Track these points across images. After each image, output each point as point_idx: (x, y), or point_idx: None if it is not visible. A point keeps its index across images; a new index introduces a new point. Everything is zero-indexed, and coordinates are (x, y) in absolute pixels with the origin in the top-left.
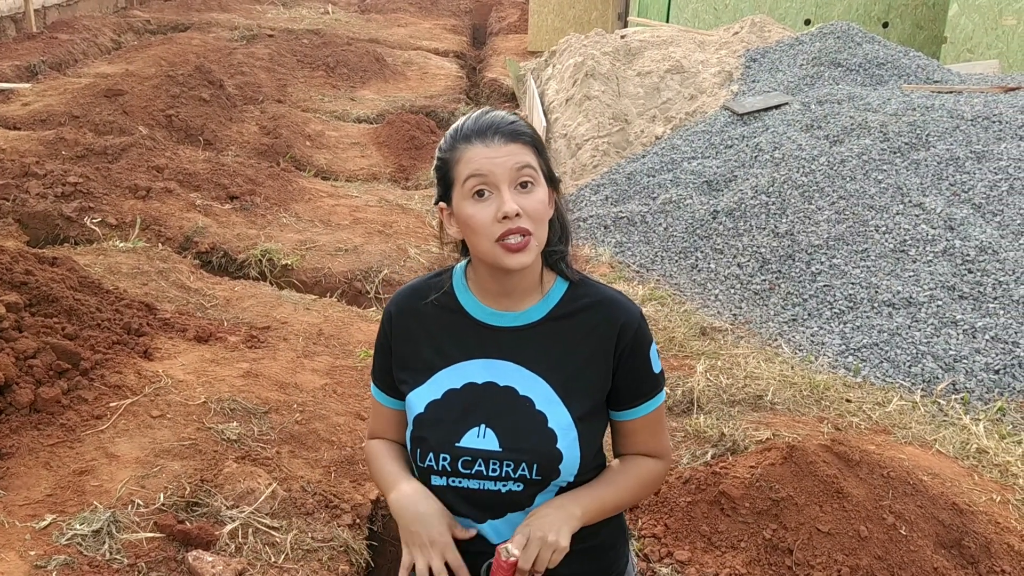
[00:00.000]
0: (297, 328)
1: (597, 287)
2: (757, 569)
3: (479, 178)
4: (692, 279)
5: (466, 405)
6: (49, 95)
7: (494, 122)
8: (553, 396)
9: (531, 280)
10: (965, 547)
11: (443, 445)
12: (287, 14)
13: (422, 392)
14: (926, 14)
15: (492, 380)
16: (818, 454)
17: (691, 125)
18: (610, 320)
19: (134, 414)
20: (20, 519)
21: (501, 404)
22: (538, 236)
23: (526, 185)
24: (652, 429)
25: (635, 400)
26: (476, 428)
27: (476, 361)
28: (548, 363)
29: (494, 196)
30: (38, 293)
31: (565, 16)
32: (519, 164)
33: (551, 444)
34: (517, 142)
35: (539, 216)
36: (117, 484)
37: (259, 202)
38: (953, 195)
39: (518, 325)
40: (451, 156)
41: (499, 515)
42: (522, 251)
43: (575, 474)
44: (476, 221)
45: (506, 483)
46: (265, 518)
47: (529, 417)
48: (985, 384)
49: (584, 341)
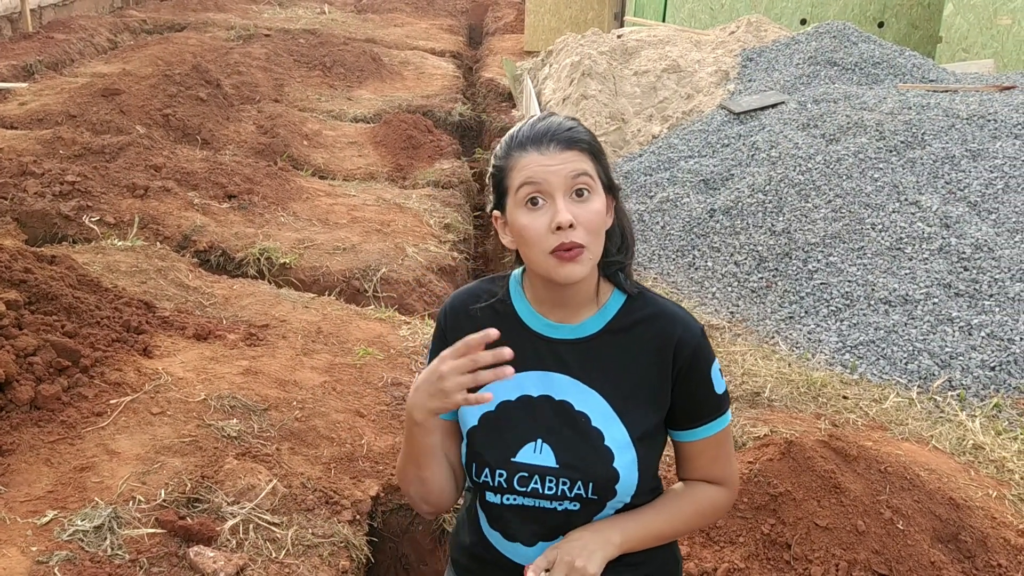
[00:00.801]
0: (296, 326)
1: (656, 300)
2: (755, 564)
3: (532, 186)
4: (689, 277)
5: (521, 419)
6: (46, 94)
7: (550, 128)
8: (610, 412)
9: (587, 292)
10: (962, 541)
11: (499, 461)
12: (283, 14)
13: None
14: (921, 14)
15: (547, 393)
16: (816, 449)
17: (688, 124)
18: (668, 335)
19: (134, 411)
20: (21, 515)
21: (557, 419)
22: (592, 248)
23: (582, 193)
24: (714, 453)
25: (695, 421)
26: (532, 443)
27: (531, 373)
28: (605, 378)
29: (548, 205)
30: (37, 291)
31: (561, 16)
32: (574, 171)
33: (608, 462)
34: (574, 149)
35: (594, 227)
36: (118, 480)
37: (257, 201)
38: (949, 193)
39: (575, 338)
40: (506, 164)
41: (552, 536)
42: (574, 262)
43: (632, 495)
44: (530, 232)
45: (562, 502)
46: (266, 514)
47: (585, 433)
48: (981, 381)
49: (642, 356)
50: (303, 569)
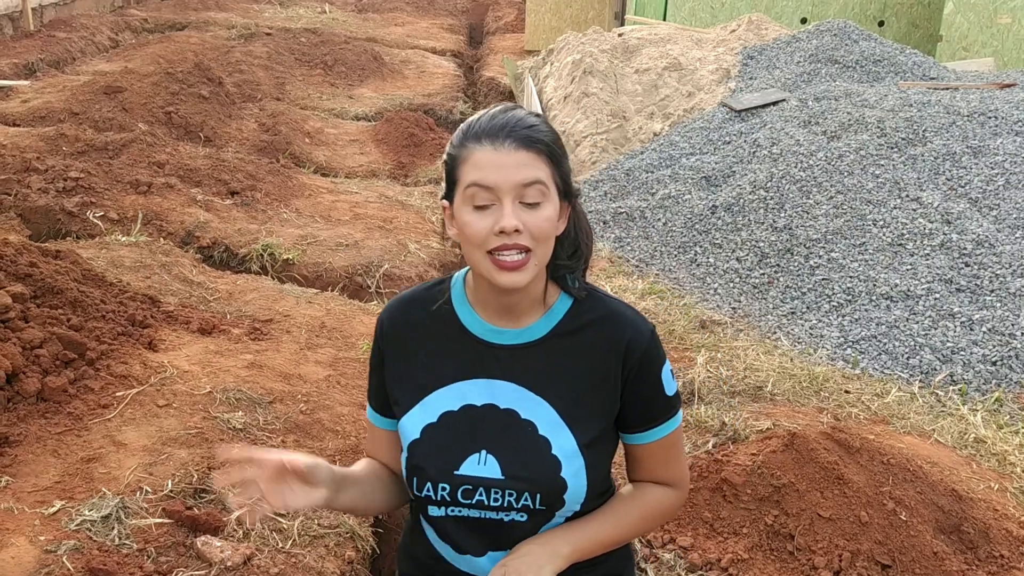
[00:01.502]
0: (299, 321)
1: (605, 301)
2: (759, 554)
3: (481, 188)
4: (691, 273)
5: (464, 429)
6: (48, 92)
7: (508, 123)
8: (557, 420)
9: (532, 296)
10: (964, 532)
11: (442, 474)
12: (284, 13)
13: (415, 415)
14: (921, 12)
15: (492, 402)
16: (819, 441)
17: (689, 122)
18: (617, 337)
19: (140, 403)
20: (29, 505)
21: (502, 428)
22: (539, 255)
23: (532, 199)
24: (665, 456)
25: (645, 424)
26: (476, 455)
27: (475, 381)
28: (552, 384)
29: (495, 207)
30: (43, 285)
31: (562, 15)
32: (527, 179)
33: (555, 472)
34: (530, 150)
35: (543, 235)
36: (125, 471)
37: (260, 198)
38: (950, 190)
39: (520, 343)
40: (459, 153)
41: (503, 547)
42: (517, 270)
43: (581, 503)
44: (471, 230)
45: (508, 513)
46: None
47: (532, 443)
48: (982, 375)
49: (590, 360)
50: (310, 559)
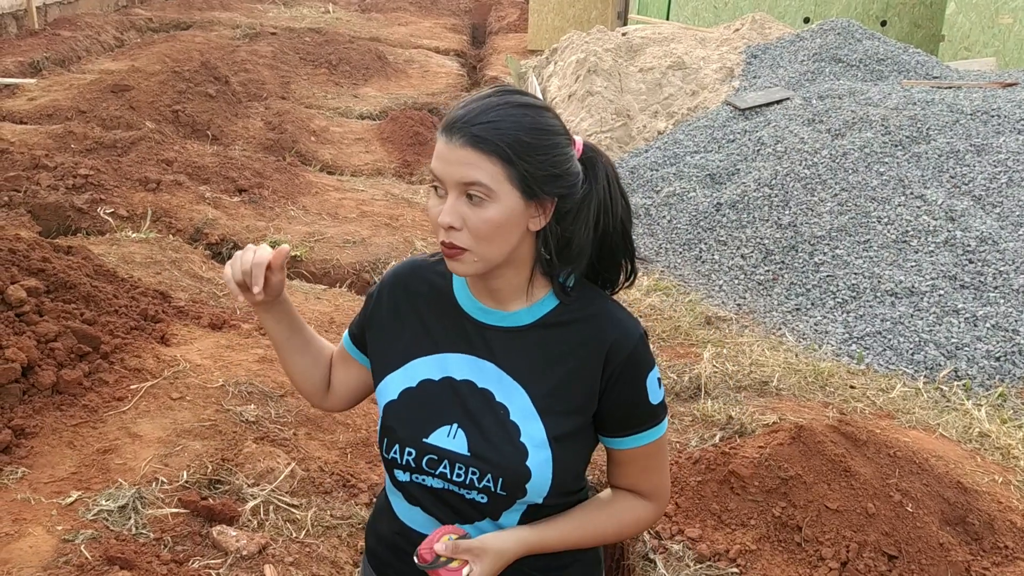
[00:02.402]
0: (309, 316)
1: (600, 302)
2: (767, 545)
3: (435, 178)
4: (696, 270)
5: (440, 400)
6: (55, 90)
7: (467, 116)
8: (530, 409)
9: (511, 286)
10: (969, 524)
11: (410, 439)
12: (288, 13)
13: (396, 377)
14: (924, 13)
15: (471, 379)
16: (826, 434)
17: (693, 120)
18: (602, 337)
19: (154, 396)
20: (46, 496)
21: (476, 407)
22: (479, 252)
23: (473, 198)
24: (644, 464)
25: (625, 430)
26: (448, 427)
27: (459, 355)
28: (531, 373)
29: (444, 197)
30: (56, 280)
31: (565, 15)
32: (467, 179)
33: (520, 460)
34: (476, 149)
35: (480, 234)
36: (141, 462)
37: (267, 195)
38: (954, 187)
39: (506, 326)
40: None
41: (468, 520)
42: (454, 260)
43: (544, 496)
44: (430, 216)
45: (470, 491)
46: (285, 496)
47: (501, 427)
48: (986, 371)
49: (573, 355)
50: (323, 549)
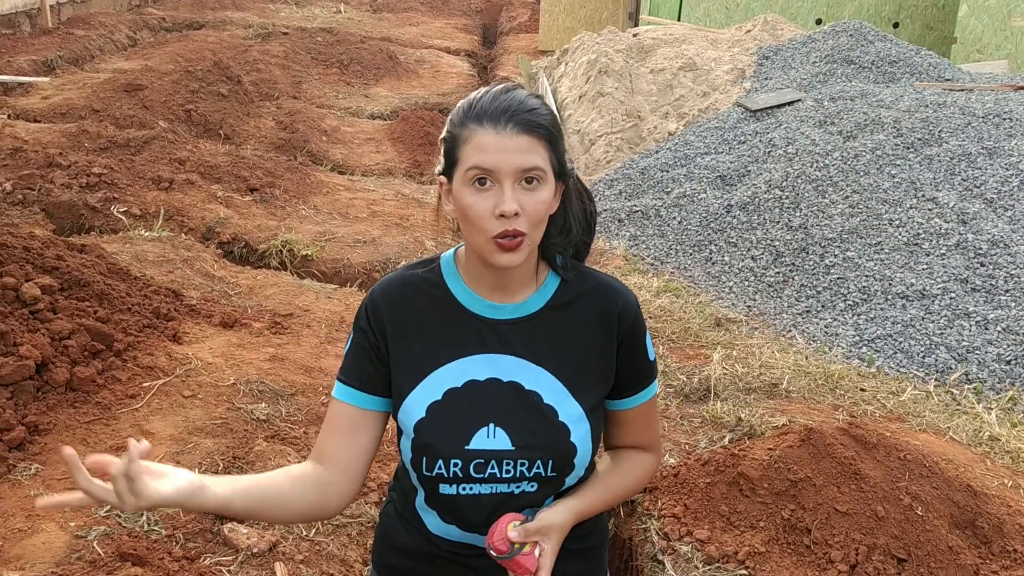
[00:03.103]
0: (319, 315)
1: (593, 274)
2: (775, 548)
3: (482, 171)
4: (706, 272)
5: (470, 405)
6: (68, 89)
7: (511, 106)
8: (561, 388)
9: (526, 273)
10: (979, 527)
11: (453, 450)
12: (300, 13)
13: (418, 395)
14: (936, 15)
15: (495, 376)
16: (835, 437)
17: (704, 121)
18: (609, 306)
19: (166, 394)
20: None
21: (508, 401)
22: (532, 237)
23: (531, 182)
24: (646, 418)
25: (635, 388)
26: (485, 428)
27: (475, 357)
28: (551, 354)
29: (495, 188)
30: (70, 278)
31: (576, 15)
32: (528, 165)
33: (565, 438)
34: (532, 135)
35: (538, 217)
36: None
37: (278, 194)
38: (965, 190)
39: (516, 317)
40: (460, 133)
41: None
42: (513, 251)
43: (586, 468)
44: (474, 212)
45: (520, 483)
46: None
47: (539, 412)
48: (997, 374)
49: (586, 329)
50: (333, 547)
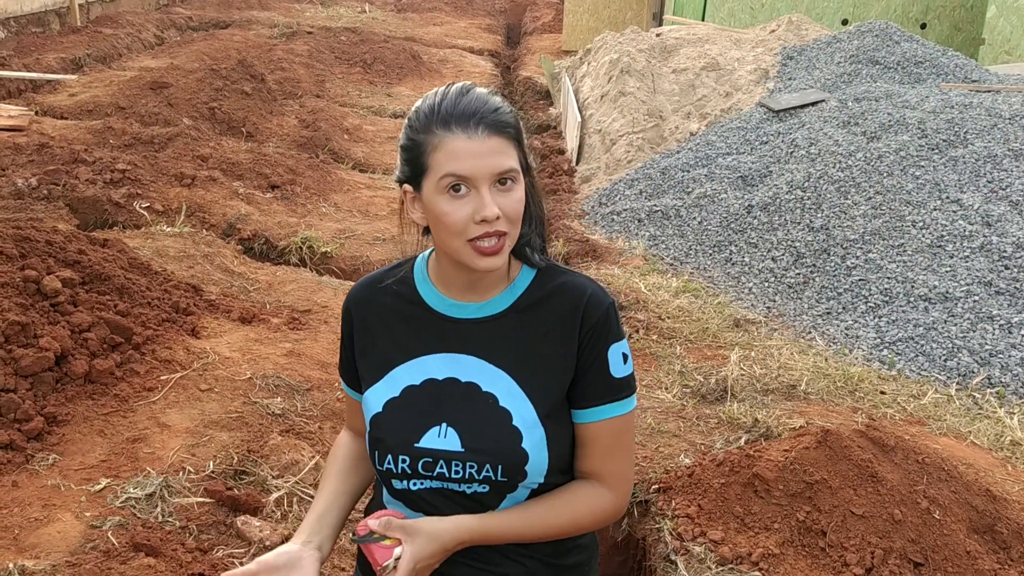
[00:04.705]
0: (337, 312)
1: (566, 273)
2: (790, 550)
3: (458, 178)
4: (726, 272)
5: (425, 403)
6: (95, 87)
7: (478, 109)
8: (518, 391)
9: (499, 273)
10: (997, 532)
11: (401, 446)
12: (325, 12)
13: (379, 390)
14: (964, 16)
15: (454, 376)
16: (853, 439)
17: (726, 121)
18: (573, 306)
19: (183, 387)
20: (76, 482)
21: (463, 402)
22: (512, 236)
23: (505, 182)
24: (605, 444)
25: (587, 400)
26: (437, 427)
27: (437, 356)
28: (512, 357)
29: (471, 195)
30: (91, 272)
31: (600, 16)
32: (502, 168)
33: (515, 443)
34: (502, 135)
35: (516, 216)
36: (169, 452)
37: (299, 192)
38: (991, 192)
39: (481, 317)
40: (426, 140)
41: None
42: (495, 255)
43: (544, 475)
44: (451, 220)
45: (471, 484)
46: (309, 488)
47: (493, 415)
48: (1020, 379)
49: (550, 330)
50: (344, 541)
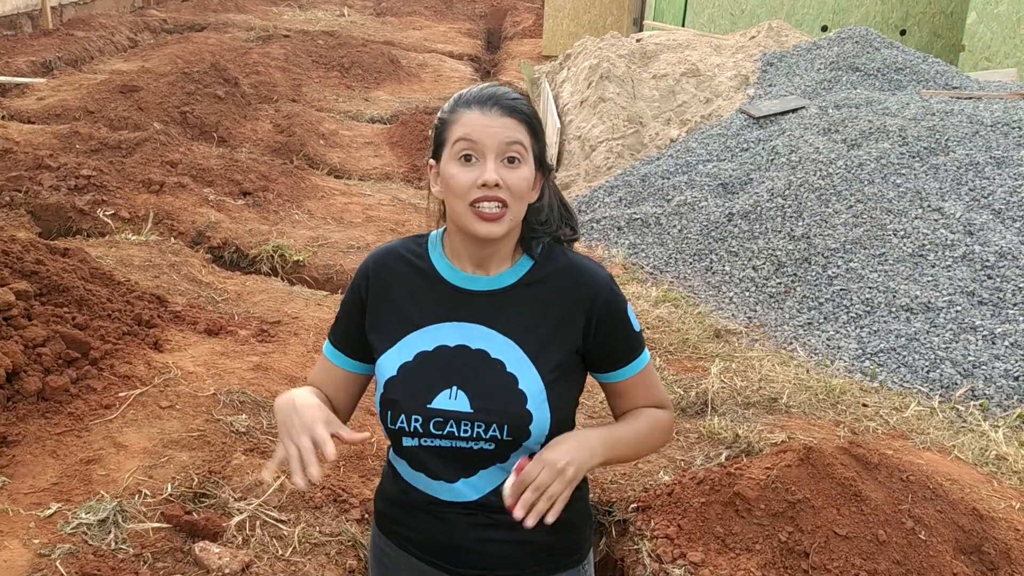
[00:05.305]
0: (308, 323)
1: (567, 253)
2: (772, 572)
3: (468, 142)
4: (706, 281)
5: (438, 367)
6: (64, 90)
7: (496, 94)
8: (524, 359)
9: (504, 251)
10: (985, 553)
11: (415, 407)
12: (303, 16)
13: (392, 354)
14: (944, 22)
15: (464, 343)
16: (836, 456)
17: (706, 128)
18: (580, 287)
19: (143, 404)
20: (25, 507)
21: (473, 367)
22: (514, 211)
23: (512, 160)
24: (647, 384)
25: (622, 362)
26: (448, 390)
27: (448, 324)
28: (520, 327)
29: (479, 163)
30: (49, 283)
31: (580, 21)
32: (509, 139)
33: (521, 405)
34: (513, 117)
35: (520, 192)
36: (124, 474)
37: (272, 198)
38: (972, 200)
39: (491, 289)
40: (449, 117)
41: (472, 472)
42: (494, 221)
43: (545, 435)
44: (456, 182)
45: (477, 443)
46: (273, 511)
47: (500, 379)
48: (1004, 391)
49: (555, 305)
50: (309, 567)
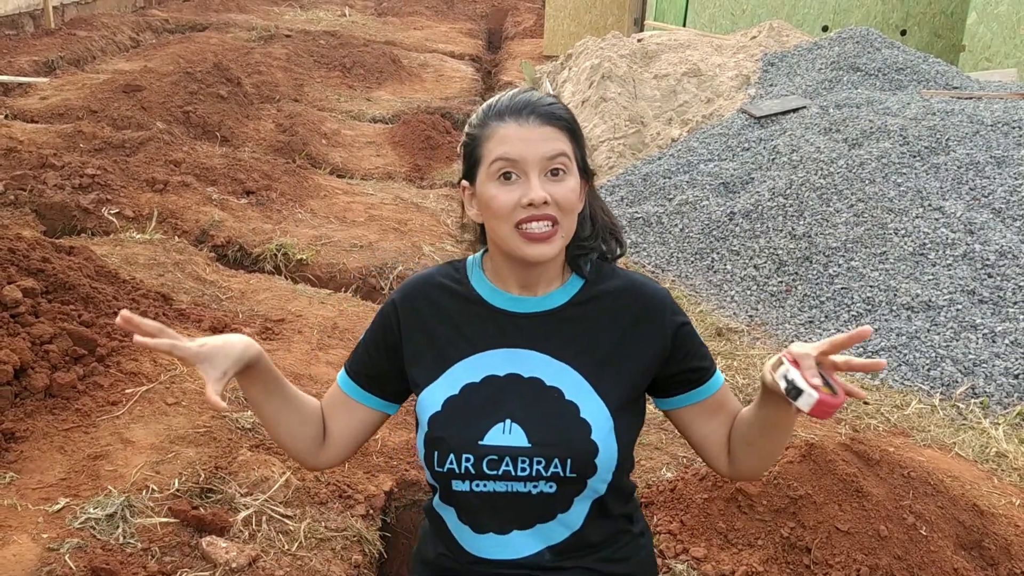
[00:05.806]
0: (312, 321)
1: (617, 271)
2: (774, 567)
3: (507, 161)
4: (708, 280)
5: (488, 400)
6: (67, 90)
7: (531, 101)
8: (584, 384)
9: (552, 272)
10: (985, 548)
11: (465, 444)
12: (304, 16)
13: (435, 389)
14: (944, 22)
15: (515, 371)
16: (837, 453)
17: (708, 128)
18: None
19: (149, 401)
20: (33, 502)
21: (527, 396)
22: (565, 227)
23: (557, 172)
24: (731, 396)
25: (711, 371)
26: (501, 424)
27: (496, 351)
28: (575, 350)
29: (521, 181)
30: (55, 280)
31: (581, 21)
32: (553, 152)
33: (585, 435)
34: (553, 125)
35: (569, 206)
36: (132, 469)
37: (275, 198)
38: (973, 199)
39: (540, 311)
40: (481, 133)
41: (528, 525)
42: (546, 241)
43: (612, 471)
44: (498, 203)
45: (536, 483)
46: (279, 506)
47: (559, 408)
48: (1004, 388)
49: (613, 325)
50: (315, 562)
